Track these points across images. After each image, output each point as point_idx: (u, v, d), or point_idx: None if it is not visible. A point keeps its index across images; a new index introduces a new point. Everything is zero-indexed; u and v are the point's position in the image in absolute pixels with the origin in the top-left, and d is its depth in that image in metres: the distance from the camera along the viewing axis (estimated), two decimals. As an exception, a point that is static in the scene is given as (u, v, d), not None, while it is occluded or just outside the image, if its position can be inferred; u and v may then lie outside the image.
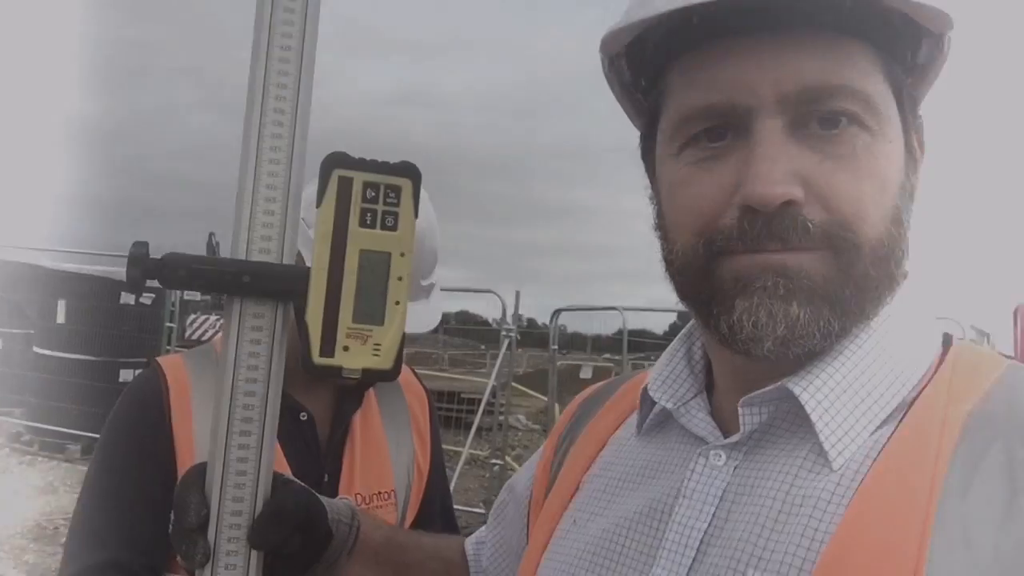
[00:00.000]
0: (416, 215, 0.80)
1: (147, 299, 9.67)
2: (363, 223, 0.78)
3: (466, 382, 12.85)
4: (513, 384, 9.09)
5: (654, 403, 0.81)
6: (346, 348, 0.78)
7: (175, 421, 1.44)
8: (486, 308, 10.16)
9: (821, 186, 0.65)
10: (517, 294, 8.17)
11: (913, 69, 0.74)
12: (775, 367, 0.70)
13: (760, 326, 0.66)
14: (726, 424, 0.76)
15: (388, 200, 0.78)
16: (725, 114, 0.68)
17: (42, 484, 7.83)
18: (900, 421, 0.67)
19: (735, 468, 0.72)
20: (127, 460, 1.45)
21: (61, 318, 9.40)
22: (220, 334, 0.83)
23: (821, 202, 0.66)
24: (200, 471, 0.79)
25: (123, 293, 9.48)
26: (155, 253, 0.76)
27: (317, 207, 0.78)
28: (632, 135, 0.85)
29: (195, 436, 1.43)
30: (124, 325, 9.47)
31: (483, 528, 1.14)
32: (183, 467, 1.35)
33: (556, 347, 8.38)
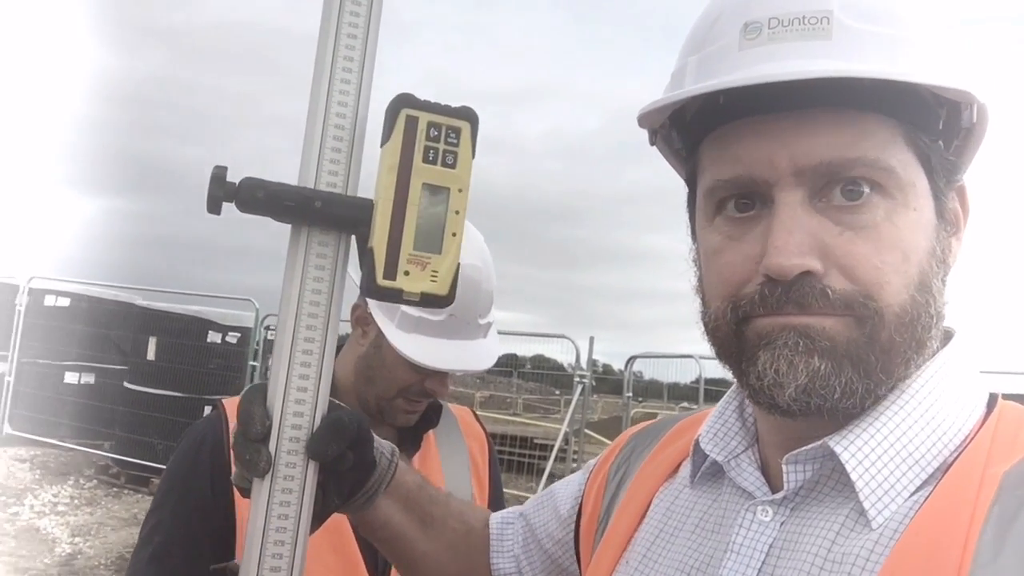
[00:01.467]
0: (473, 155, 0.84)
1: (232, 338, 9.96)
2: (426, 159, 0.82)
3: (539, 428, 12.80)
4: (586, 431, 9.01)
5: (706, 455, 0.83)
6: (407, 273, 0.82)
7: None
8: (562, 353, 10.11)
9: (840, 256, 0.68)
10: (591, 339, 8.16)
11: (955, 134, 0.74)
12: (814, 426, 0.72)
13: (782, 374, 0.69)
14: (773, 479, 0.78)
15: (449, 140, 0.83)
16: (747, 186, 0.72)
17: (127, 516, 8.08)
18: (939, 482, 0.68)
19: (781, 524, 0.73)
20: (176, 515, 1.48)
21: (151, 355, 9.74)
22: None
23: (842, 272, 0.68)
24: (262, 388, 0.84)
25: (210, 332, 9.80)
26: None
27: (384, 143, 0.83)
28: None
29: None
30: (210, 363, 9.74)
31: (510, 511, 1.17)
32: (244, 506, 1.41)
33: (631, 394, 8.29)
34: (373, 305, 1.53)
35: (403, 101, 0.82)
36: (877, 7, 0.70)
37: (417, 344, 1.51)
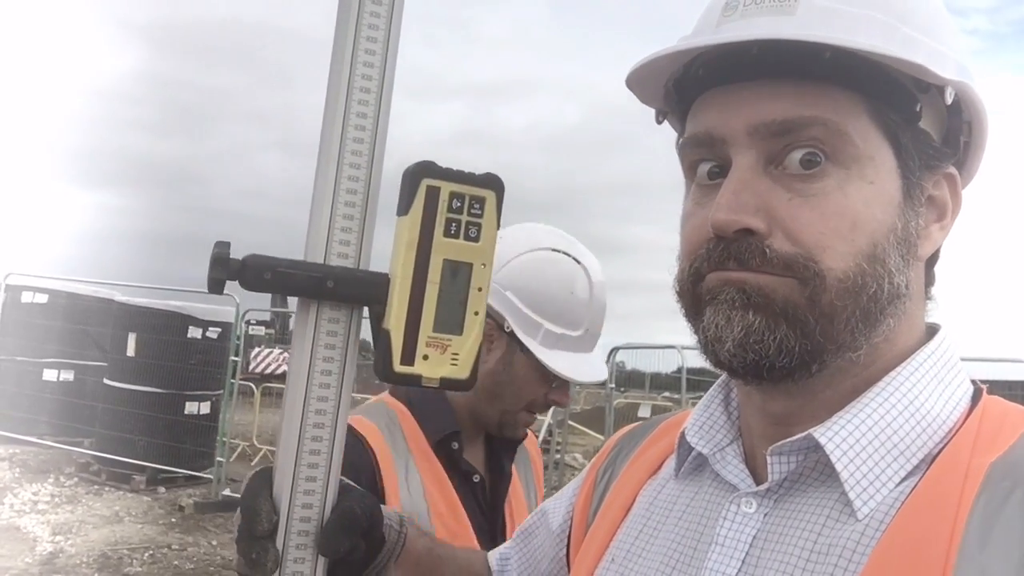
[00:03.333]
0: (498, 226, 0.80)
1: (213, 333, 9.91)
2: (447, 233, 0.78)
3: (523, 419, 12.81)
4: (569, 422, 9.04)
5: (691, 448, 0.84)
6: (425, 357, 0.78)
7: (386, 487, 1.48)
8: (543, 345, 10.12)
9: (785, 220, 0.70)
10: (574, 332, 8.16)
11: (946, 122, 0.76)
12: (792, 411, 0.74)
13: (720, 328, 0.71)
14: (758, 470, 0.78)
15: (472, 211, 0.79)
16: (705, 143, 0.75)
17: (108, 514, 8.03)
18: (925, 473, 0.69)
19: (765, 515, 0.74)
20: None
21: (131, 351, 9.69)
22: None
23: (786, 235, 0.70)
24: (266, 477, 0.79)
25: (191, 327, 9.75)
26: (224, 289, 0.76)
27: (401, 214, 0.78)
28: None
29: (400, 496, 1.47)
30: (191, 358, 9.71)
31: (507, 543, 1.17)
32: None
33: (613, 385, 8.33)
34: (513, 323, 1.55)
35: (424, 170, 0.78)
36: None
37: (561, 359, 1.56)
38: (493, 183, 0.80)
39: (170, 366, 9.55)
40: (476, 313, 0.80)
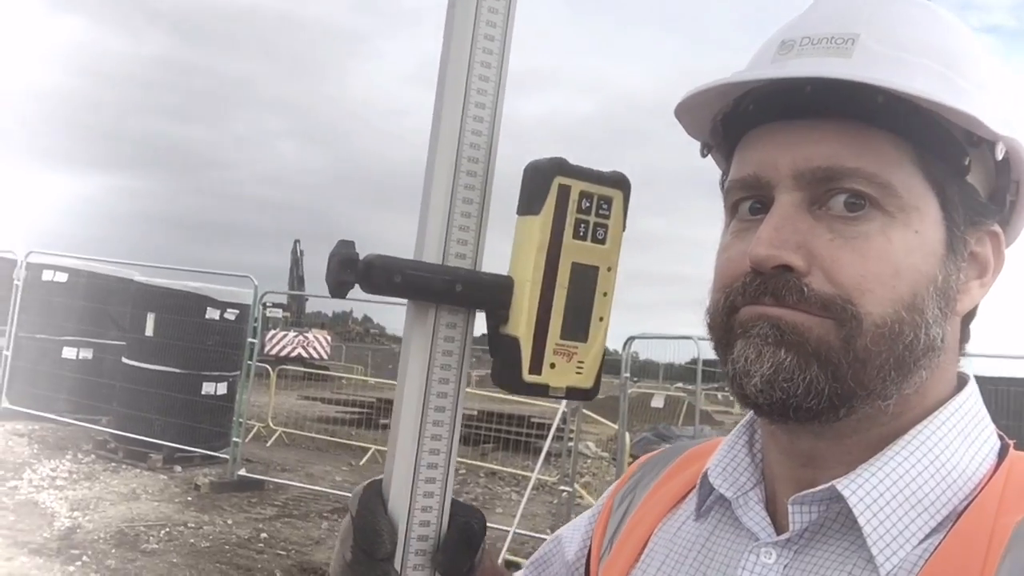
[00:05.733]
0: (624, 228, 0.78)
1: (231, 315, 9.97)
2: (576, 234, 0.75)
3: (536, 406, 12.85)
4: (583, 410, 9.05)
5: (712, 488, 0.82)
6: (552, 365, 0.75)
7: None
8: (558, 333, 10.11)
9: (825, 260, 0.69)
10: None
11: (997, 180, 0.75)
12: (813, 446, 0.73)
13: (749, 362, 0.70)
14: (778, 516, 0.77)
15: (600, 211, 0.76)
16: (752, 186, 0.74)
17: (125, 491, 8.12)
18: (950, 530, 0.68)
19: (784, 567, 0.73)
20: None
21: (150, 331, 9.76)
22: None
23: (825, 275, 0.69)
24: (378, 492, 0.75)
25: (208, 308, 9.81)
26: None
27: (527, 213, 0.74)
28: (698, 165, 0.88)
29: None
30: (208, 339, 9.77)
31: (520, 573, 1.13)
32: None
33: (628, 375, 8.31)
34: None
35: (556, 167, 0.74)
36: (908, 37, 0.71)
37: None
38: (621, 182, 0.77)
39: (188, 346, 9.62)
40: (601, 319, 0.77)
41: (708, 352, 9.84)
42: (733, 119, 0.77)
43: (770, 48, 0.76)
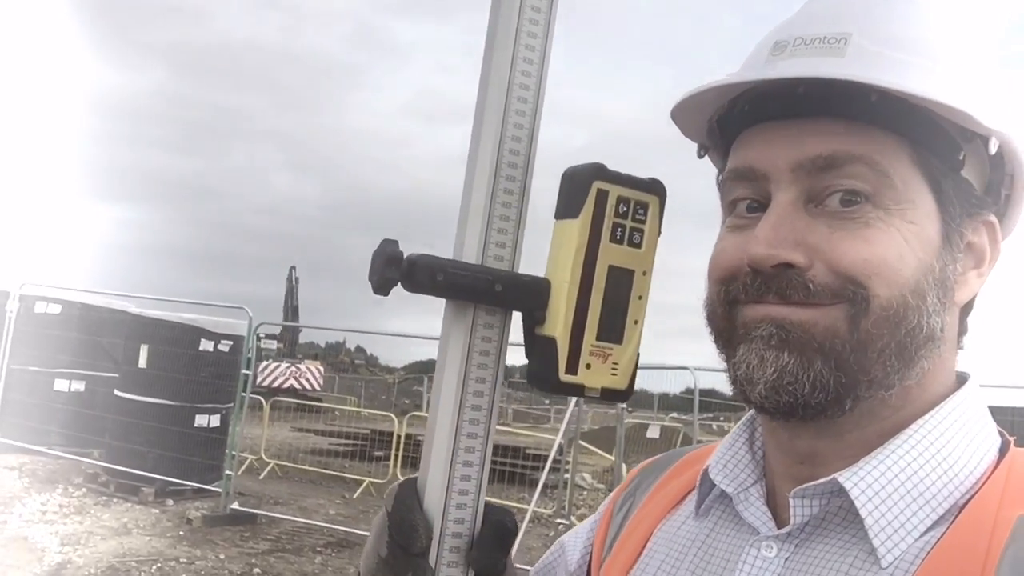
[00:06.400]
0: (660, 232, 0.79)
1: (225, 346, 9.93)
2: (613, 238, 0.76)
3: (531, 438, 12.78)
4: (579, 442, 9.00)
5: (713, 485, 0.83)
6: (588, 366, 0.76)
7: None
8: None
9: (826, 251, 0.70)
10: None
11: (989, 173, 0.76)
12: (812, 442, 0.74)
13: (752, 368, 0.71)
14: (780, 511, 0.77)
15: (637, 216, 0.77)
16: (748, 177, 0.75)
17: (116, 525, 8.02)
18: (952, 523, 0.68)
19: (785, 560, 0.73)
20: None
21: (143, 363, 9.71)
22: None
23: (828, 265, 0.70)
24: (413, 488, 0.76)
25: (203, 340, 9.77)
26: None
27: (565, 217, 0.76)
28: (689, 196, 0.89)
29: None
30: (202, 371, 9.72)
31: None
32: None
33: (624, 406, 8.29)
34: None
35: (595, 172, 0.76)
36: (900, 34, 0.72)
37: None
38: (657, 188, 0.78)
39: (181, 379, 9.56)
40: (636, 322, 0.78)
41: (704, 382, 9.84)
42: (729, 119, 0.78)
43: (764, 49, 0.77)
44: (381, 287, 0.71)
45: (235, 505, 8.98)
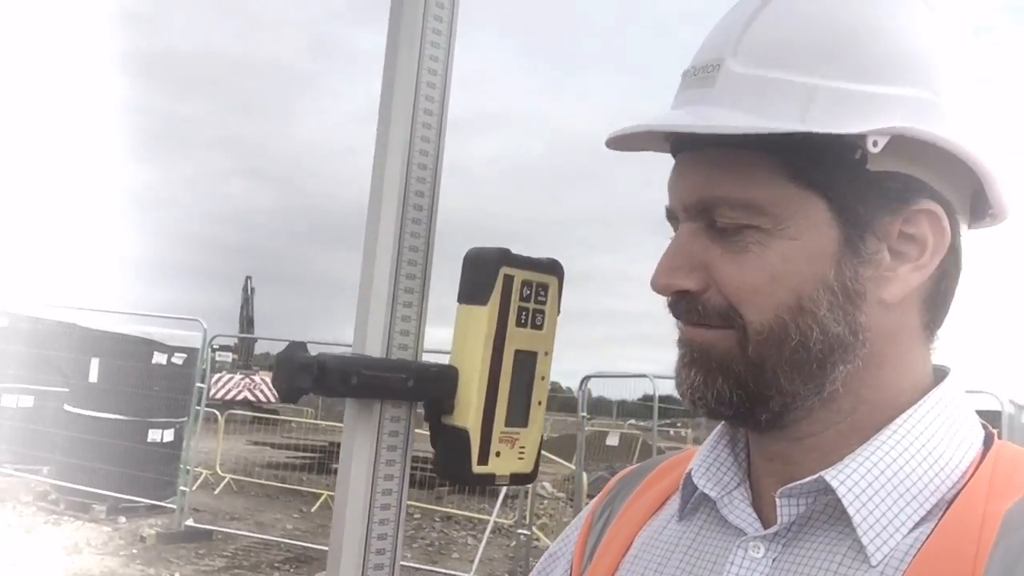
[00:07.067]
0: (559, 312, 0.80)
1: (179, 359, 9.76)
2: (519, 322, 0.77)
3: (492, 447, 12.69)
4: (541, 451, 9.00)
5: (696, 488, 0.83)
6: (498, 454, 0.76)
7: None
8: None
9: (716, 276, 0.74)
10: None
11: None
12: (789, 450, 0.75)
13: (680, 385, 0.77)
14: (765, 512, 0.77)
15: (539, 298, 0.78)
16: (673, 217, 0.80)
17: (67, 544, 7.82)
18: (940, 519, 0.68)
19: (773, 560, 0.73)
20: None
21: (94, 377, 9.50)
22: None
23: (718, 289, 0.74)
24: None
25: (156, 353, 9.59)
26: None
27: (471, 303, 0.75)
28: (648, 205, 0.91)
29: None
30: (155, 385, 9.54)
31: None
32: None
33: (585, 414, 8.31)
34: None
35: (502, 258, 0.75)
36: (774, 48, 0.72)
37: None
38: (556, 269, 0.80)
39: (134, 392, 9.38)
40: (540, 403, 0.79)
41: (663, 389, 9.93)
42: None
43: (683, 75, 0.80)
44: (290, 396, 0.71)
45: (190, 521, 8.81)
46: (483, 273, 0.75)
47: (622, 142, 0.80)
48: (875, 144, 0.69)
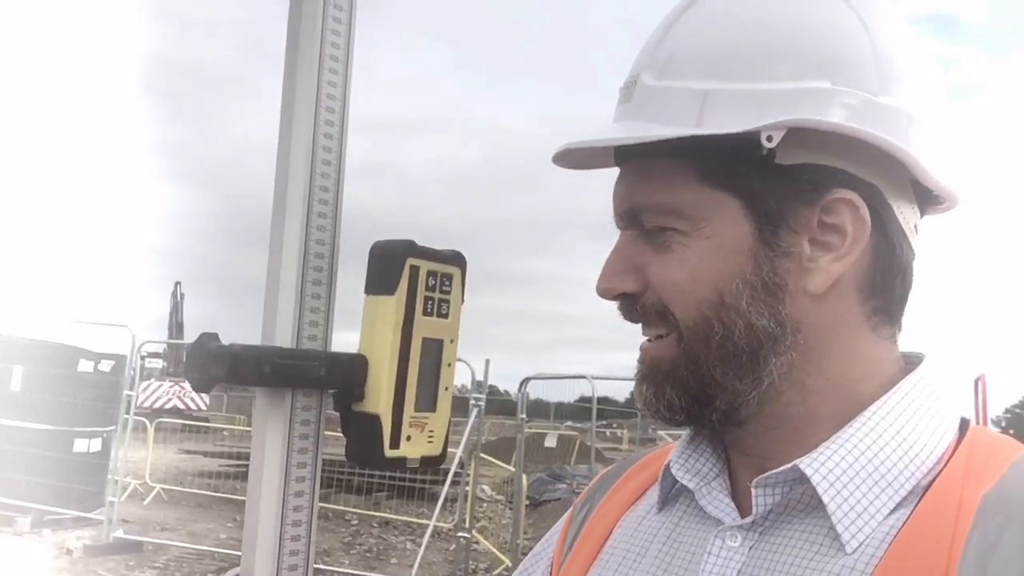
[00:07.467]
0: (463, 301, 0.83)
1: (106, 366, 9.49)
2: (425, 311, 0.80)
3: (430, 451, 12.60)
4: (481, 454, 8.99)
5: (675, 480, 0.83)
6: (409, 438, 0.79)
7: None
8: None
9: (649, 276, 0.77)
10: (487, 363, 8.15)
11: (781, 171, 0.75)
12: (769, 443, 0.76)
13: (638, 398, 0.81)
14: (744, 502, 0.78)
15: (443, 288, 0.82)
16: (617, 224, 0.83)
17: (-12, 559, 7.53)
18: (916, 505, 0.69)
19: (750, 549, 0.74)
20: None
21: (17, 386, 9.16)
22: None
23: (654, 289, 0.77)
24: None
25: (82, 360, 9.30)
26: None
27: (379, 293, 0.78)
28: (584, 209, 0.93)
29: None
30: (81, 393, 9.26)
31: None
32: None
33: (525, 416, 8.32)
34: None
35: (408, 249, 0.79)
36: (680, 60, 0.75)
37: None
38: (459, 260, 0.84)
39: (59, 401, 9.09)
40: (446, 388, 0.82)
41: (601, 390, 10.01)
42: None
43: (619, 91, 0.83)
44: (203, 385, 0.72)
45: (119, 533, 8.55)
46: (390, 264, 0.78)
47: (568, 160, 0.84)
48: (769, 139, 0.70)
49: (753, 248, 0.73)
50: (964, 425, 0.77)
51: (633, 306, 0.78)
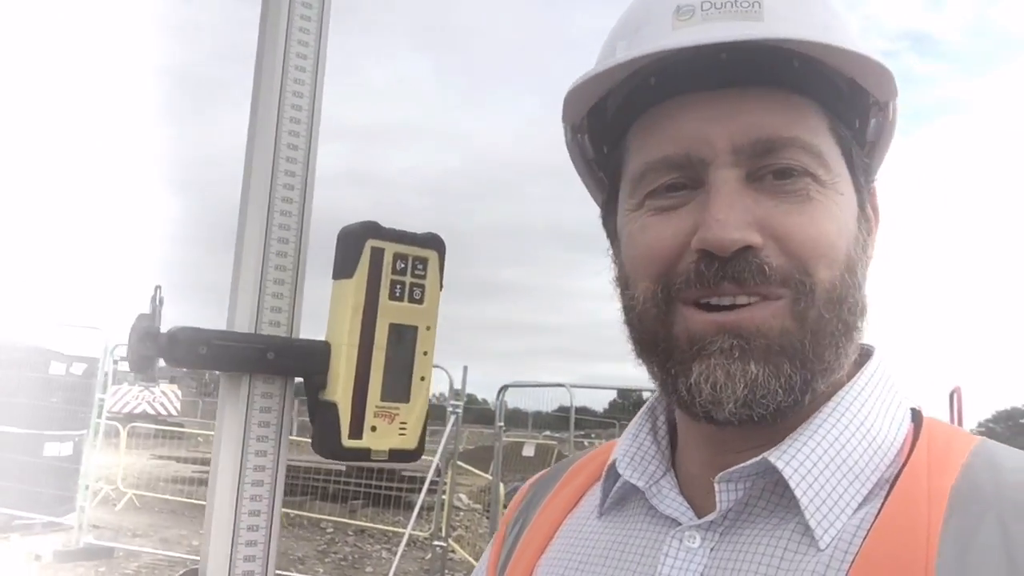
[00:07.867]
0: (441, 287, 0.78)
1: (78, 368, 9.37)
2: (392, 295, 0.76)
3: (407, 459, 12.55)
4: (458, 463, 8.95)
5: (617, 480, 0.79)
6: (374, 428, 0.75)
7: None
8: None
9: (777, 228, 0.67)
10: (465, 369, 8.11)
11: (863, 142, 0.77)
12: (747, 433, 0.71)
13: (719, 388, 0.67)
14: (698, 500, 0.74)
15: (416, 272, 0.77)
16: (682, 166, 0.70)
17: (-46, 565, 7.39)
18: (885, 498, 0.67)
19: (711, 550, 0.70)
20: None
21: (-15, 388, 9.04)
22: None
23: (779, 244, 0.67)
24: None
25: (53, 362, 9.18)
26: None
27: (341, 277, 0.75)
28: (561, 220, 0.88)
29: None
30: (52, 396, 9.15)
31: None
32: None
33: (502, 424, 8.29)
34: None
35: (368, 231, 0.75)
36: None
37: None
38: (435, 243, 0.79)
39: (29, 404, 8.97)
40: (422, 379, 0.78)
41: (580, 400, 10.01)
42: (631, 98, 0.74)
43: (662, 14, 0.72)
44: (139, 366, 0.70)
45: (89, 539, 8.44)
46: (349, 247, 0.75)
47: (586, 87, 0.74)
48: (893, 111, 0.72)
49: (858, 217, 0.72)
50: (916, 416, 0.76)
51: (750, 265, 0.66)
